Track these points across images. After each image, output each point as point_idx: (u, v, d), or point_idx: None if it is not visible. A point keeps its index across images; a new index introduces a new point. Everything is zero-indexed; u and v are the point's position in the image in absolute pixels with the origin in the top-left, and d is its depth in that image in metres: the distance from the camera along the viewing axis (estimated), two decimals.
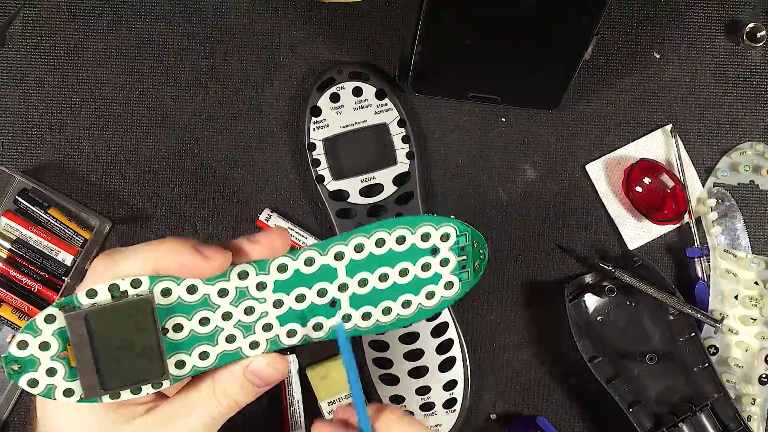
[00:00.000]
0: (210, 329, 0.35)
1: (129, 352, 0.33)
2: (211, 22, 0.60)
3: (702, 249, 0.59)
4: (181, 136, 0.59)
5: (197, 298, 0.35)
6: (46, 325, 0.33)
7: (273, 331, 0.36)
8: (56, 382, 0.33)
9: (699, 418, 0.57)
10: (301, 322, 0.36)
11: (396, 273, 0.37)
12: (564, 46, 0.53)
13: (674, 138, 0.60)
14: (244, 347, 0.35)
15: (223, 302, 0.35)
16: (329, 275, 0.36)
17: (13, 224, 0.57)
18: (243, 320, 0.35)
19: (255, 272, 0.35)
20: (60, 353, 0.33)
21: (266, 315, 0.36)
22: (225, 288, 0.35)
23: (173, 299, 0.34)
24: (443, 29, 0.52)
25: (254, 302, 0.35)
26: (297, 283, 0.36)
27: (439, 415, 0.57)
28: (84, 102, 0.59)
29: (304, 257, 0.36)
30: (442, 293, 0.37)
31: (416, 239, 0.37)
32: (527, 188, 0.60)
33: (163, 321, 0.34)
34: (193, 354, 0.35)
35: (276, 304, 0.36)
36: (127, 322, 0.33)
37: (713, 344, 0.59)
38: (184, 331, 0.35)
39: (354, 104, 0.58)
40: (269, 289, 0.36)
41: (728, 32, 0.61)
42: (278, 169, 0.59)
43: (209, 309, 0.35)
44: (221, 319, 0.35)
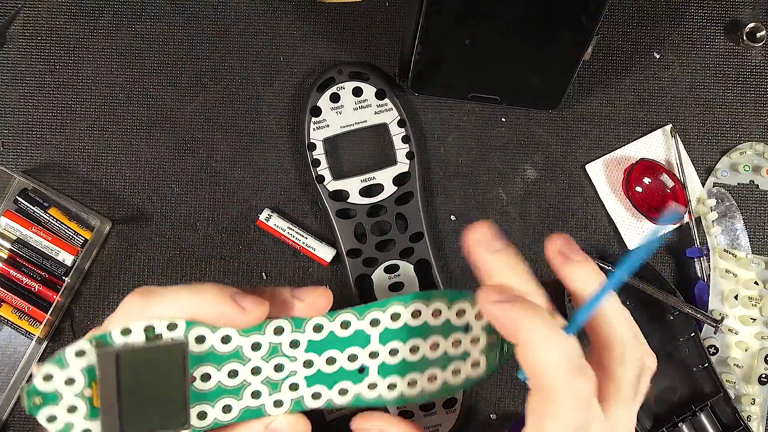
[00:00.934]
0: (237, 383, 0.34)
1: (154, 397, 0.32)
2: (211, 22, 0.60)
3: (702, 249, 0.59)
4: (181, 136, 0.59)
5: (230, 349, 0.34)
6: (76, 359, 0.32)
7: (299, 392, 0.35)
8: (75, 420, 0.32)
9: (699, 418, 0.57)
10: (328, 385, 0.35)
11: (427, 346, 0.36)
12: (564, 46, 0.53)
13: (674, 138, 0.60)
14: (267, 405, 0.34)
15: (255, 356, 0.34)
16: (362, 341, 0.35)
17: (13, 224, 0.57)
18: (271, 377, 0.34)
19: (291, 329, 0.34)
20: (84, 390, 0.32)
21: (295, 374, 0.35)
22: (259, 342, 0.34)
23: (206, 347, 0.33)
24: (443, 29, 0.52)
25: (285, 360, 0.35)
26: (330, 345, 0.35)
27: (439, 415, 0.57)
28: (84, 102, 0.59)
29: (341, 320, 0.35)
30: (468, 372, 0.36)
31: (452, 314, 0.36)
32: (527, 188, 0.60)
33: (193, 369, 0.33)
34: (216, 406, 0.34)
35: (306, 364, 0.35)
36: (158, 365, 0.32)
37: (713, 344, 0.59)
38: (211, 382, 0.34)
39: (354, 104, 0.58)
40: (302, 348, 0.35)
41: (728, 32, 0.61)
42: (278, 169, 0.59)
43: (240, 361, 0.34)
44: (250, 373, 0.34)
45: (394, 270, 0.58)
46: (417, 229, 0.58)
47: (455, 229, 0.60)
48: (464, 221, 0.60)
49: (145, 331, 0.33)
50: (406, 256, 0.58)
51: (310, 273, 0.59)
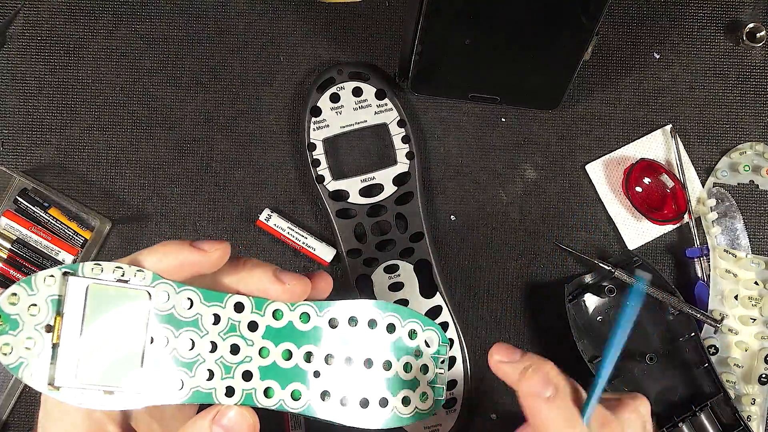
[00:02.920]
0: (192, 355, 0.33)
1: (112, 348, 0.32)
2: (211, 22, 0.60)
3: (702, 249, 0.59)
4: (181, 136, 0.59)
5: (190, 314, 0.33)
6: (45, 285, 0.31)
7: (251, 383, 0.34)
8: (29, 356, 0.31)
9: (699, 418, 0.57)
10: (281, 384, 0.34)
11: (380, 363, 0.35)
12: (564, 46, 0.53)
13: (674, 138, 0.60)
14: (219, 390, 0.33)
15: (213, 330, 0.34)
16: (319, 339, 0.35)
17: (13, 224, 0.57)
18: (226, 358, 0.34)
19: (251, 309, 0.34)
20: (45, 324, 0.31)
21: (250, 361, 0.34)
22: (219, 315, 0.34)
23: (168, 307, 0.33)
24: (443, 29, 0.52)
25: (242, 342, 0.34)
26: (287, 337, 0.34)
27: (439, 415, 0.57)
28: (84, 102, 0.59)
29: (301, 311, 0.35)
30: (417, 404, 0.35)
31: (404, 333, 0.35)
32: (527, 188, 0.60)
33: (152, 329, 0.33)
34: None
35: (262, 353, 0.34)
36: (122, 311, 0.32)
37: (713, 344, 0.59)
38: (167, 348, 0.33)
39: (354, 104, 0.58)
40: (259, 333, 0.34)
41: (728, 32, 0.61)
42: (278, 169, 0.59)
43: (198, 332, 0.33)
44: (206, 348, 0.33)
45: (394, 270, 0.58)
46: (417, 229, 0.58)
47: (455, 229, 0.60)
48: (464, 221, 0.60)
49: (114, 272, 0.32)
50: (406, 256, 0.58)
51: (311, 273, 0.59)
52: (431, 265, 0.58)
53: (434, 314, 0.58)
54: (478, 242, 0.60)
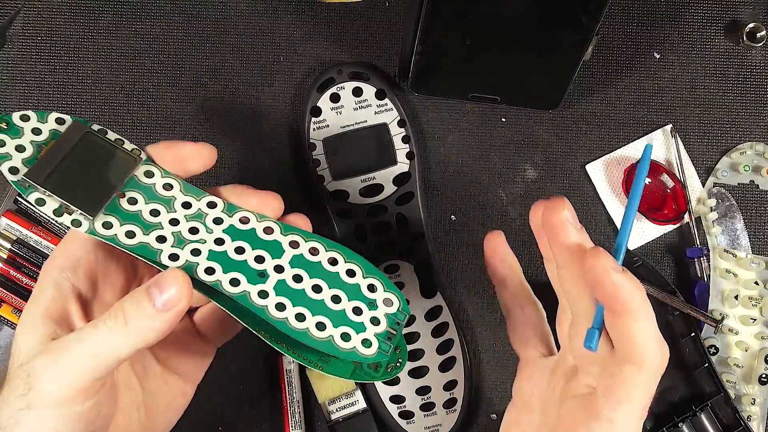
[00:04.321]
0: (153, 220, 0.37)
1: (84, 180, 0.36)
2: (211, 22, 0.60)
3: (702, 249, 0.59)
4: (181, 136, 0.59)
5: (166, 194, 0.37)
6: (54, 123, 0.37)
7: (197, 258, 0.36)
8: (15, 156, 0.36)
9: (699, 418, 0.57)
10: (224, 268, 0.37)
11: (330, 294, 0.37)
12: (564, 46, 0.53)
13: (674, 138, 0.60)
14: (164, 252, 0.36)
15: (181, 211, 0.37)
16: (275, 251, 0.37)
17: (13, 224, 0.57)
18: (182, 233, 0.37)
19: (222, 209, 0.37)
20: (39, 144, 0.36)
21: (203, 242, 0.37)
22: (190, 203, 0.37)
23: (149, 182, 0.37)
24: (443, 29, 0.52)
25: (203, 228, 0.37)
26: (246, 238, 0.37)
27: (439, 415, 0.57)
28: (84, 102, 0.59)
29: (266, 225, 0.38)
30: (357, 345, 0.37)
31: (363, 283, 0.37)
32: (527, 188, 0.60)
33: (127, 187, 0.37)
34: (123, 226, 0.36)
35: (217, 242, 0.37)
36: (106, 163, 0.36)
37: (713, 344, 0.59)
38: (134, 207, 0.37)
39: (354, 104, 0.58)
40: (221, 227, 0.37)
41: (728, 32, 0.61)
42: (278, 169, 0.59)
43: (166, 207, 0.37)
44: (168, 221, 0.37)
45: (394, 270, 0.58)
46: (417, 229, 0.58)
47: (455, 229, 0.60)
48: (464, 221, 0.60)
49: (116, 139, 0.38)
50: (406, 256, 0.58)
51: None
52: (431, 265, 0.58)
53: (434, 314, 0.58)
54: (478, 242, 0.60)
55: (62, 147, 0.36)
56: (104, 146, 0.37)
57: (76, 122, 0.37)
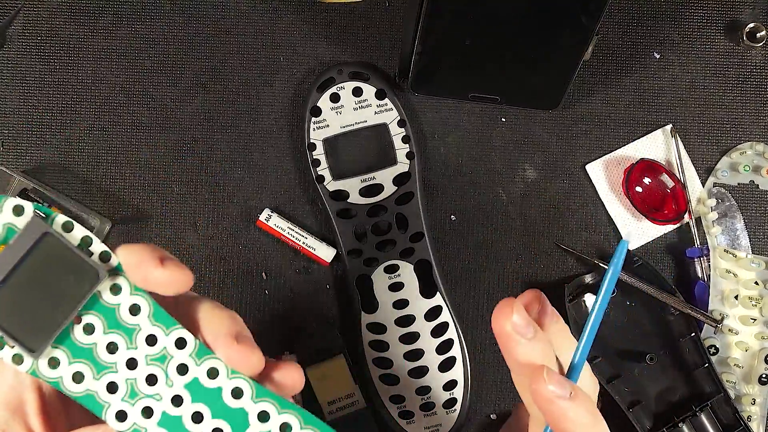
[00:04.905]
0: (108, 360, 0.31)
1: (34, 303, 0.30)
2: (211, 22, 0.60)
3: (702, 249, 0.59)
4: (181, 136, 0.59)
5: (131, 321, 0.31)
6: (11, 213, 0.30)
7: (147, 422, 0.31)
8: None
9: (699, 418, 0.57)
10: None
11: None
12: (564, 46, 0.53)
13: (674, 138, 0.60)
14: (112, 407, 0.31)
15: (142, 348, 0.31)
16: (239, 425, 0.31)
17: None
18: (137, 383, 0.31)
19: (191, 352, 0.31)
20: None
21: (159, 399, 0.31)
22: (156, 337, 0.31)
23: (113, 301, 0.31)
24: (443, 29, 0.52)
25: (163, 377, 0.31)
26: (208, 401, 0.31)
27: (439, 415, 0.57)
28: (84, 102, 0.59)
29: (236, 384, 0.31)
30: None
31: None
32: (527, 188, 0.60)
33: (86, 310, 0.31)
34: (72, 365, 0.31)
35: (175, 400, 0.31)
36: (64, 275, 0.30)
37: (713, 344, 0.59)
38: (89, 338, 0.31)
39: (354, 104, 0.58)
40: (185, 379, 0.31)
41: (728, 32, 0.61)
42: (278, 169, 0.59)
43: (127, 340, 0.31)
44: (125, 360, 0.31)
45: (394, 270, 0.58)
46: (417, 229, 0.58)
47: (455, 229, 0.60)
48: (464, 221, 0.60)
49: (81, 240, 0.31)
50: (406, 256, 0.58)
51: (311, 273, 0.59)
52: (431, 265, 0.58)
53: (434, 314, 0.58)
54: (478, 242, 0.60)
55: (13, 254, 0.30)
56: (65, 253, 0.30)
57: (35, 219, 0.30)
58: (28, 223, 0.30)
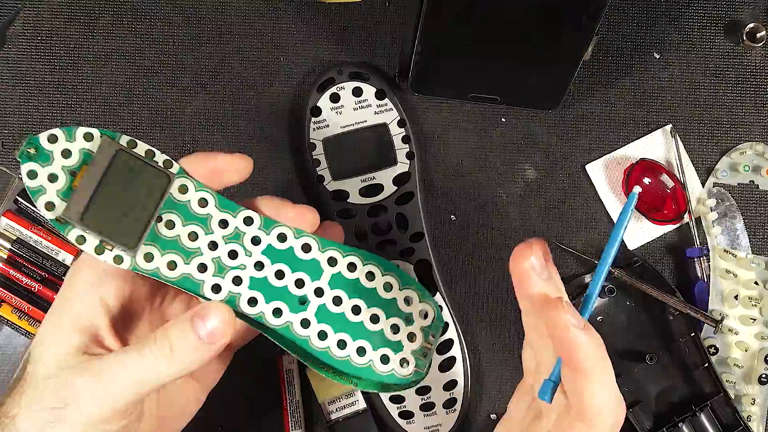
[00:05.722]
0: (192, 246, 0.35)
1: (121, 210, 0.34)
2: (211, 23, 0.60)
3: (702, 249, 0.59)
4: (181, 136, 0.59)
5: (202, 212, 0.36)
6: (83, 139, 0.34)
7: (239, 288, 0.36)
8: (49, 188, 0.34)
9: (699, 418, 0.57)
10: (266, 298, 0.36)
11: (368, 314, 0.36)
12: (564, 46, 0.53)
13: (674, 138, 0.60)
14: (206, 284, 0.35)
15: (218, 232, 0.36)
16: (314, 272, 0.36)
17: (13, 224, 0.57)
18: (222, 259, 0.36)
19: (259, 225, 0.36)
20: (71, 170, 0.34)
21: (243, 269, 0.36)
22: (227, 221, 0.36)
23: (184, 198, 0.35)
24: (443, 29, 0.52)
25: (242, 250, 0.36)
26: (285, 260, 0.36)
27: (439, 415, 0.57)
28: (84, 102, 0.59)
29: (304, 241, 0.36)
30: (395, 367, 0.36)
31: (400, 296, 0.37)
32: (527, 188, 0.60)
33: (164, 210, 0.35)
34: (164, 256, 0.35)
35: (257, 266, 0.36)
36: (140, 184, 0.35)
37: (713, 344, 0.59)
38: (172, 231, 0.35)
39: (354, 104, 0.58)
40: (260, 248, 0.36)
41: (728, 32, 0.61)
42: (278, 169, 0.59)
43: (204, 228, 0.35)
44: (207, 245, 0.35)
45: None
46: (417, 229, 0.58)
47: (455, 229, 0.60)
48: (464, 221, 0.60)
49: (145, 153, 0.35)
50: (406, 256, 0.58)
51: None
52: (431, 265, 0.58)
53: None
54: (478, 242, 0.60)
55: (95, 173, 0.34)
56: (137, 164, 0.35)
57: (105, 138, 0.35)
58: (100, 145, 0.34)
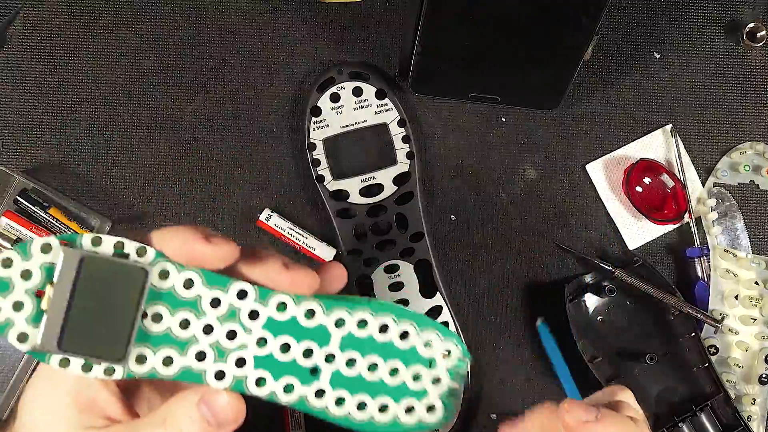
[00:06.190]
0: (186, 335, 0.33)
1: (101, 321, 0.31)
2: (211, 22, 0.60)
3: (702, 249, 0.59)
4: (181, 136, 0.59)
5: (190, 295, 0.33)
6: (40, 253, 0.31)
7: (244, 370, 0.33)
8: (16, 319, 0.31)
9: (699, 418, 0.57)
10: (275, 375, 0.33)
11: (386, 369, 0.34)
12: (564, 46, 0.53)
13: (674, 138, 0.60)
14: (209, 372, 0.33)
15: (211, 313, 0.33)
16: (322, 338, 0.34)
17: (13, 224, 0.57)
18: (221, 343, 0.33)
19: (255, 298, 0.33)
20: (36, 290, 0.31)
21: (245, 348, 0.33)
22: (220, 299, 0.33)
23: (167, 285, 0.32)
24: (443, 29, 0.52)
25: (240, 329, 0.33)
26: (288, 331, 0.33)
27: None
28: (84, 102, 0.59)
29: (306, 307, 0.34)
30: (422, 415, 0.34)
31: (419, 342, 0.34)
32: (527, 188, 0.60)
33: (148, 304, 0.32)
34: (158, 354, 0.32)
35: (259, 342, 0.33)
36: (116, 284, 0.32)
37: (713, 344, 0.59)
38: (161, 325, 0.32)
39: (354, 104, 0.58)
40: (259, 322, 0.33)
41: (728, 32, 0.61)
42: (278, 169, 0.59)
43: (195, 313, 0.33)
44: (202, 330, 0.33)
45: (394, 270, 0.58)
46: (417, 229, 0.58)
47: (455, 229, 0.60)
48: (464, 221, 0.60)
49: (114, 247, 0.32)
50: (406, 256, 0.58)
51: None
52: (431, 265, 0.58)
53: (434, 314, 0.58)
54: (478, 242, 0.60)
55: (63, 289, 0.31)
56: (108, 266, 0.32)
57: (66, 249, 0.31)
58: (62, 258, 0.31)
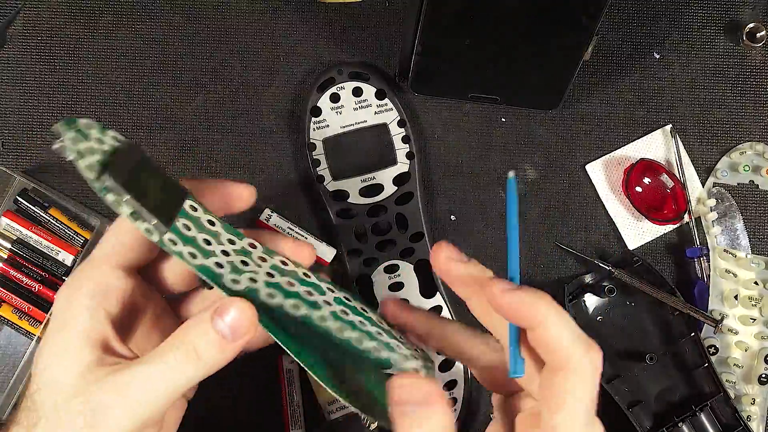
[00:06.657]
0: (207, 248, 0.36)
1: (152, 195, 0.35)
2: (211, 22, 0.60)
3: (702, 249, 0.59)
4: (181, 136, 0.59)
5: (211, 229, 0.36)
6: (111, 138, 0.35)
7: (256, 285, 0.36)
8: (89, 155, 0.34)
9: (699, 418, 0.57)
10: (284, 295, 0.36)
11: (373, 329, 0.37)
12: (564, 46, 0.53)
13: (674, 138, 0.60)
14: (225, 277, 0.35)
15: (228, 246, 0.36)
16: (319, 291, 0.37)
17: (13, 224, 0.57)
18: (236, 264, 0.36)
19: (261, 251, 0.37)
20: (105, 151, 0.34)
21: (256, 273, 0.36)
22: (234, 240, 0.37)
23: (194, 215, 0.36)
24: (443, 29, 0.52)
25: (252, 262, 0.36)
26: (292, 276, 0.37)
27: None
28: (84, 102, 0.59)
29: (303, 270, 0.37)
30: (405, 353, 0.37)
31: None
32: (527, 188, 0.60)
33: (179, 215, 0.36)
34: (186, 247, 0.35)
35: (269, 275, 0.36)
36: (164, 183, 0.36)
37: (713, 344, 0.59)
38: (189, 232, 0.36)
39: (354, 104, 0.58)
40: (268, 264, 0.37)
41: (728, 32, 0.61)
42: (278, 169, 0.59)
43: (215, 239, 0.36)
44: (220, 251, 0.36)
45: (394, 270, 0.58)
46: (417, 229, 0.58)
47: (455, 229, 0.60)
48: (464, 221, 0.60)
49: None
50: (406, 256, 0.58)
51: None
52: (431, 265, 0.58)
53: None
54: (478, 242, 0.60)
55: (128, 160, 0.35)
56: (158, 171, 0.36)
57: (131, 143, 0.35)
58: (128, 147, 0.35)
